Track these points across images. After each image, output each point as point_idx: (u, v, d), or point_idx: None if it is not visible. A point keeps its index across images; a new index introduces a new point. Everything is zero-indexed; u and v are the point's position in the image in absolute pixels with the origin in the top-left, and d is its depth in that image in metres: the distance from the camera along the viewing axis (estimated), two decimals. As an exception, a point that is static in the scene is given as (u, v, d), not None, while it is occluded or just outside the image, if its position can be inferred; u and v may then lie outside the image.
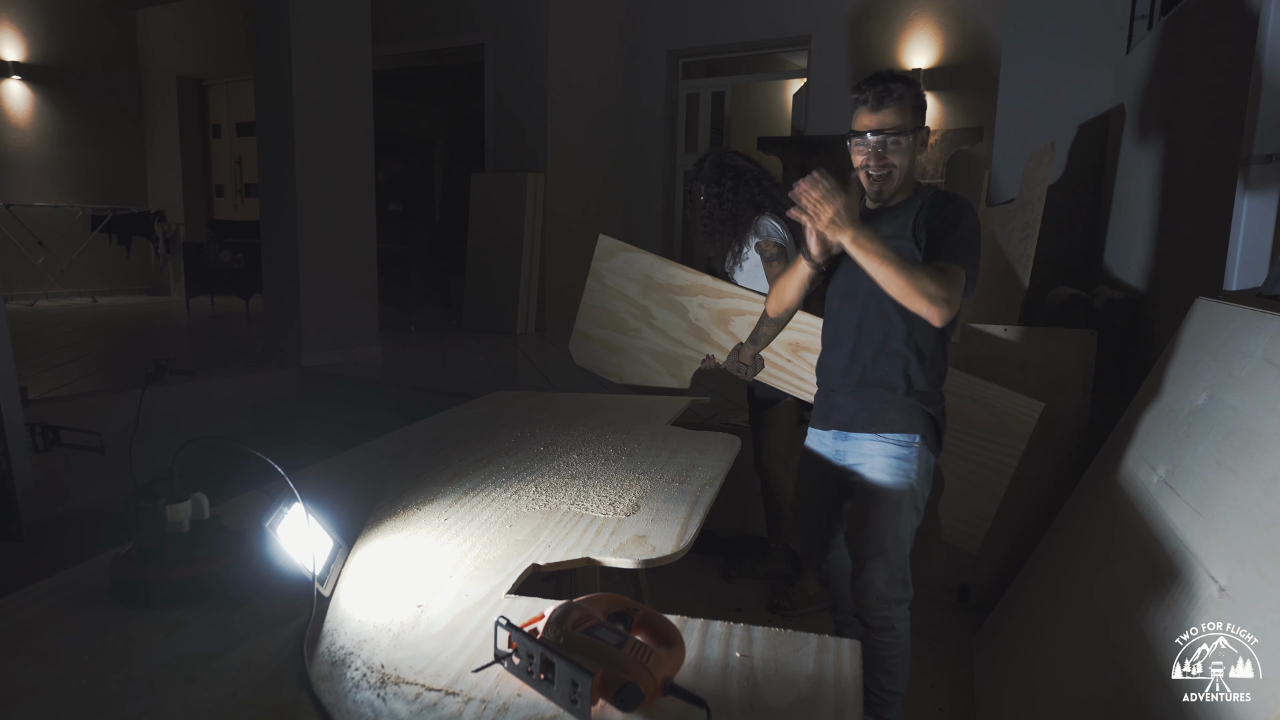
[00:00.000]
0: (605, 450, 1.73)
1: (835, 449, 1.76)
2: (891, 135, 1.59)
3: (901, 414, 1.66)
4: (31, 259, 7.51)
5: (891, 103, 1.58)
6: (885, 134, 1.59)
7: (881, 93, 1.59)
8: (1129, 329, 2.91)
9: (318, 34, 4.31)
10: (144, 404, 3.10)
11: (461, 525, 1.28)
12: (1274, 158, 2.02)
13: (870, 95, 1.60)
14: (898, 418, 1.66)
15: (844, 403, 1.73)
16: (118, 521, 2.47)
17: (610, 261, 2.84)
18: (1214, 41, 2.50)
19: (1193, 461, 1.56)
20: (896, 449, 1.66)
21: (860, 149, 1.62)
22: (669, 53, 6.61)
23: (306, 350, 4.43)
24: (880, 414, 1.67)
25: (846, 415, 1.72)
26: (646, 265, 2.76)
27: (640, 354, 2.76)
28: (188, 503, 1.04)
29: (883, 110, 1.59)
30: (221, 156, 8.77)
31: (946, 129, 5.45)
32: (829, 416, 1.77)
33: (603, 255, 2.86)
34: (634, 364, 2.78)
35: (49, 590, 1.03)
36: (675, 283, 2.69)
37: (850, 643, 0.91)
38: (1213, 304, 1.88)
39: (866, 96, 1.60)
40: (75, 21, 7.93)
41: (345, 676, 0.84)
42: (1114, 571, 1.65)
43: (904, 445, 1.66)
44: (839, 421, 1.74)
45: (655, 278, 2.74)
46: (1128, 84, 3.66)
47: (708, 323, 2.59)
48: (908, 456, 1.66)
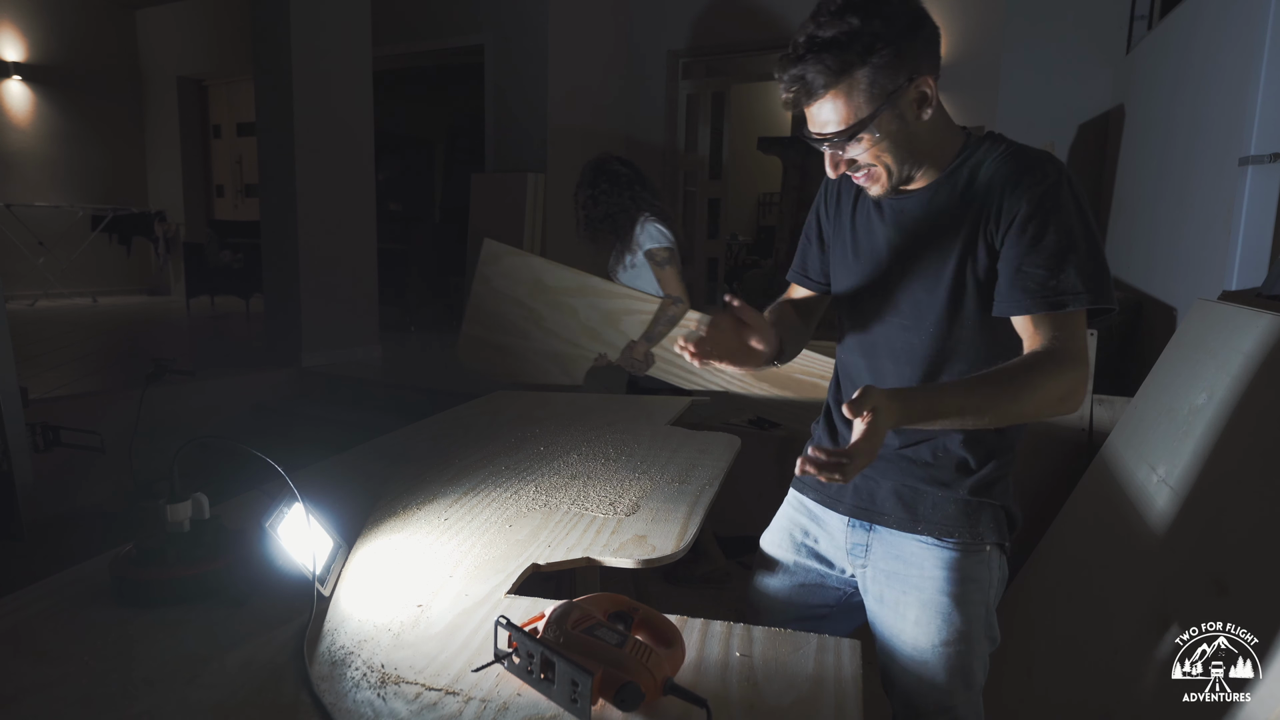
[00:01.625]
0: (605, 450, 1.73)
1: (850, 543, 1.20)
2: (836, 143, 1.01)
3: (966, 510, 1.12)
4: (32, 259, 7.51)
5: (819, 91, 0.97)
6: (825, 142, 1.02)
7: (798, 76, 0.98)
8: (1129, 329, 2.91)
9: (318, 34, 4.31)
10: (144, 404, 3.09)
11: (461, 525, 1.28)
12: (1274, 157, 2.02)
13: (789, 86, 0.99)
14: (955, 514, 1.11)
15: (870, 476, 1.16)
16: (118, 521, 2.46)
17: (497, 265, 2.93)
18: (1214, 41, 2.50)
19: (1192, 461, 1.56)
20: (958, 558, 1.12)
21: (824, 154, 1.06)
22: (669, 53, 6.60)
23: (306, 350, 4.43)
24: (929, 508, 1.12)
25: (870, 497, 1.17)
26: (535, 268, 2.87)
27: (531, 355, 2.85)
28: (188, 502, 1.04)
29: (813, 102, 0.99)
30: (221, 156, 8.76)
31: (946, 129, 5.45)
32: (838, 490, 1.21)
33: (488, 259, 2.96)
34: (525, 364, 2.88)
35: (49, 590, 1.03)
36: (565, 285, 2.82)
37: (850, 642, 0.91)
38: (1212, 304, 1.88)
39: (787, 88, 1.00)
40: (75, 21, 7.93)
41: (345, 676, 0.84)
42: (1114, 571, 1.65)
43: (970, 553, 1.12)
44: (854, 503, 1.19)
45: (544, 280, 2.85)
46: (1128, 84, 3.66)
47: (599, 322, 2.72)
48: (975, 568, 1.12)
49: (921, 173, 1.07)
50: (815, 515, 1.26)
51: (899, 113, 1.00)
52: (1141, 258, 3.07)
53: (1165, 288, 2.73)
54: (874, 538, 1.17)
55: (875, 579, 1.17)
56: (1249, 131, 2.05)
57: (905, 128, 1.02)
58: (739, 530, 3.01)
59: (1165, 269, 2.78)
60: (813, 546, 1.26)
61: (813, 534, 1.26)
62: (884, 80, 0.98)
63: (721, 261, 7.03)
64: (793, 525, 1.29)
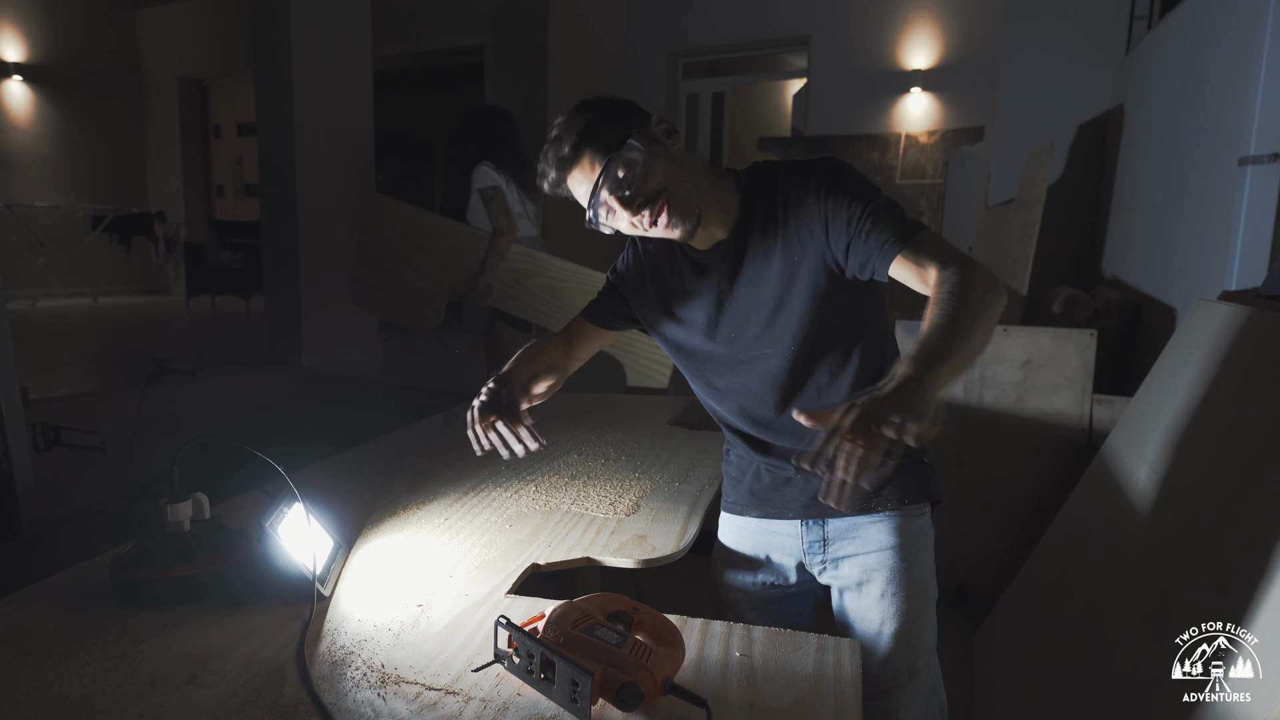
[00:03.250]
0: (605, 450, 1.73)
1: (809, 540, 1.21)
2: (608, 166, 1.02)
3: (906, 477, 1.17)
4: (32, 259, 7.51)
5: (577, 148, 1.03)
6: (604, 179, 1.02)
7: (556, 155, 1.05)
8: (1129, 329, 2.91)
9: (318, 34, 4.31)
10: (144, 404, 3.09)
11: (461, 525, 1.28)
12: (1274, 157, 2.02)
13: (552, 168, 1.06)
14: (900, 483, 1.17)
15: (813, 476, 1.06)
16: (118, 521, 2.46)
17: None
18: (1214, 41, 2.50)
19: (1192, 462, 1.56)
20: (909, 523, 1.18)
21: (615, 219, 1.06)
22: (669, 53, 6.60)
23: (306, 350, 4.43)
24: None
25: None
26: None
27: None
28: (188, 502, 1.04)
29: (577, 165, 1.04)
30: (222, 156, 8.77)
31: (946, 129, 5.45)
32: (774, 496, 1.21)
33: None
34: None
35: (49, 590, 1.03)
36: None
37: (850, 642, 0.91)
38: (1212, 304, 1.88)
39: (547, 171, 1.07)
40: (76, 22, 7.93)
41: (345, 676, 0.84)
42: (1113, 571, 1.65)
43: (918, 516, 1.19)
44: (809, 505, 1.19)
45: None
46: (1128, 84, 3.66)
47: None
48: (924, 530, 1.20)
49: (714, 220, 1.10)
50: (766, 529, 1.24)
51: (653, 142, 1.04)
52: (1141, 258, 3.07)
53: (1165, 288, 2.73)
54: (829, 530, 1.19)
55: (837, 569, 1.20)
56: (1249, 131, 2.06)
57: (669, 153, 1.06)
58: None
59: (1165, 269, 2.78)
60: (767, 562, 1.25)
61: (762, 550, 1.25)
62: (620, 127, 1.04)
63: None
64: (743, 548, 1.27)
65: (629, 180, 1.02)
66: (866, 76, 5.79)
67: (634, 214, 1.03)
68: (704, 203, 1.07)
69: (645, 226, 1.05)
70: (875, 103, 5.76)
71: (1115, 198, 3.64)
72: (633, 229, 1.07)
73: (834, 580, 1.21)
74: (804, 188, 1.06)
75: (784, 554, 1.24)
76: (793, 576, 1.25)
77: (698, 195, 1.06)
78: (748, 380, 1.16)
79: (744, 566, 1.27)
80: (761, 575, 1.26)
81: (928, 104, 5.61)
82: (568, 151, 1.04)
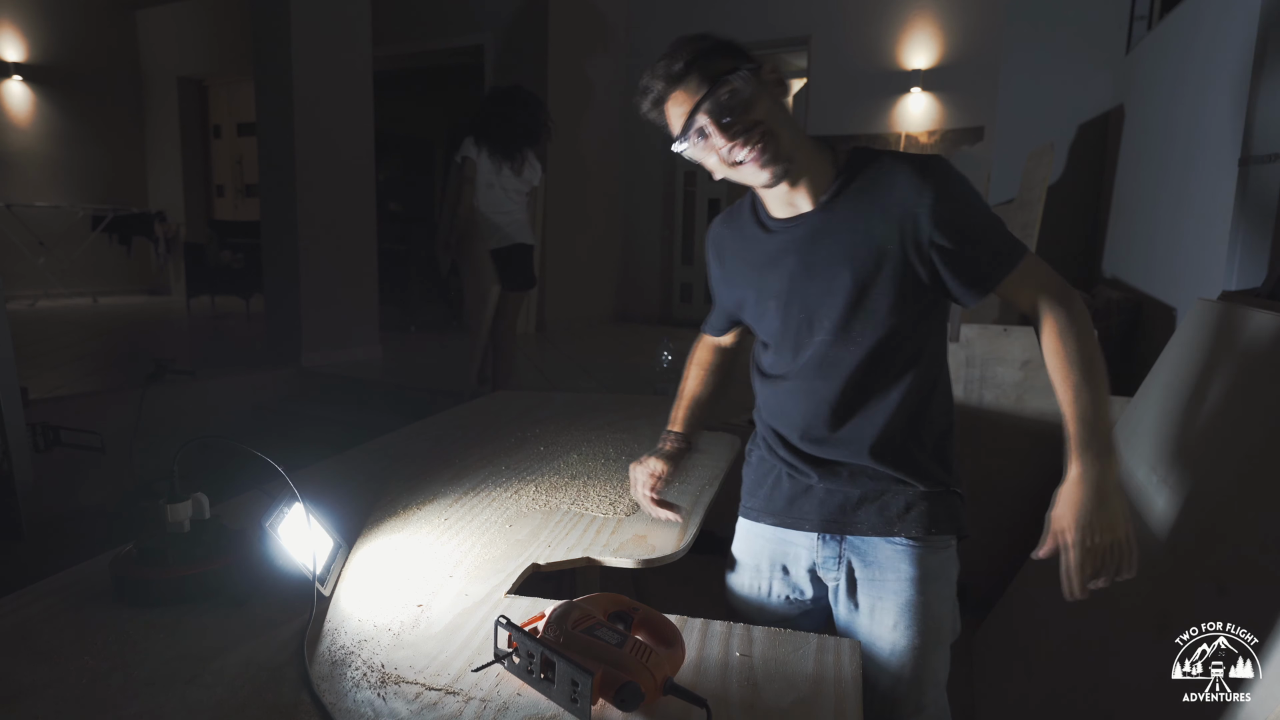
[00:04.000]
0: (605, 450, 1.73)
1: (825, 555, 1.18)
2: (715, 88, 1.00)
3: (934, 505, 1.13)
4: (32, 259, 7.51)
5: (689, 66, 1.02)
6: (708, 98, 1.00)
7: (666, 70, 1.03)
8: (1129, 329, 2.91)
9: (318, 34, 4.31)
10: (144, 404, 3.10)
11: (461, 525, 1.28)
12: (1274, 157, 2.02)
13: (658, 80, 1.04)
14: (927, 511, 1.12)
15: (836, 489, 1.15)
16: (117, 521, 2.46)
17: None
18: (1214, 41, 2.50)
19: (1192, 462, 1.56)
20: (931, 555, 1.13)
21: (705, 150, 1.04)
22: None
23: (306, 350, 4.43)
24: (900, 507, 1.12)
25: (840, 509, 1.15)
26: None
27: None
28: (188, 502, 1.04)
29: (684, 83, 1.02)
30: (222, 156, 8.77)
31: (946, 129, 5.45)
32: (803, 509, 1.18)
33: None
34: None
35: (49, 590, 1.03)
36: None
37: (850, 642, 0.91)
38: (1212, 304, 1.88)
39: (652, 86, 1.04)
40: (76, 22, 7.93)
41: (346, 676, 0.84)
42: (1114, 571, 1.65)
43: (942, 549, 1.14)
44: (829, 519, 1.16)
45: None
46: (1128, 84, 3.66)
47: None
48: (946, 563, 1.15)
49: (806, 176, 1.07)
50: (782, 539, 1.21)
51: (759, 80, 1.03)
52: (1141, 258, 3.07)
53: (1165, 288, 2.73)
54: (846, 548, 1.16)
55: (849, 588, 1.16)
56: (1249, 131, 2.05)
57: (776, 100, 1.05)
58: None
59: (1165, 269, 2.78)
60: (783, 574, 1.22)
61: (778, 561, 1.22)
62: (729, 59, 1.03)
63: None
64: (759, 558, 1.24)
65: (731, 107, 1.00)
66: (866, 76, 5.79)
67: (729, 140, 1.01)
68: (798, 157, 1.05)
69: (736, 159, 1.02)
70: (875, 102, 5.77)
71: (1115, 198, 3.64)
72: (721, 164, 1.05)
73: (845, 601, 1.17)
74: (913, 182, 1.03)
75: (799, 566, 1.20)
76: (809, 591, 1.21)
77: (794, 145, 1.04)
78: (806, 373, 1.12)
79: (759, 577, 1.24)
80: (777, 588, 1.22)
81: (928, 104, 5.61)
82: (679, 68, 1.01)
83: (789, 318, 1.12)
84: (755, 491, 1.24)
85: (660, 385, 3.98)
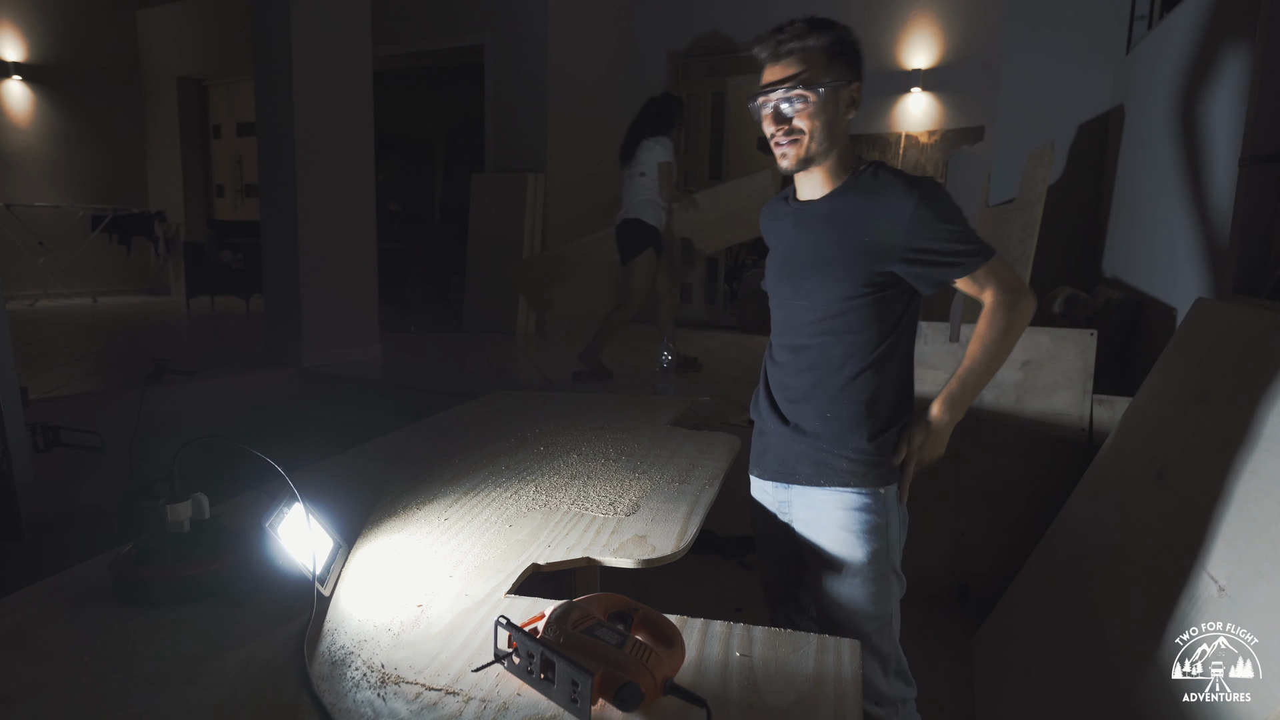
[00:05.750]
0: (605, 450, 1.73)
1: (777, 500, 1.41)
2: (791, 88, 1.22)
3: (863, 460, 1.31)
4: (32, 259, 7.51)
5: (793, 50, 1.23)
6: (782, 86, 1.22)
7: (779, 40, 1.25)
8: (1129, 329, 2.91)
9: (318, 34, 4.31)
10: (144, 404, 3.09)
11: (461, 525, 1.28)
12: (1274, 158, 2.02)
13: (768, 45, 1.26)
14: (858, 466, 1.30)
15: (776, 445, 1.38)
16: (115, 519, 2.45)
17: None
18: (1214, 41, 2.50)
19: (1192, 461, 1.56)
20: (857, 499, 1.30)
21: (764, 114, 1.27)
22: (669, 53, 6.60)
23: (306, 350, 4.43)
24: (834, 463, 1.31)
25: (784, 461, 1.37)
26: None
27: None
28: (188, 502, 1.04)
29: (782, 61, 1.24)
30: (221, 156, 8.77)
31: (946, 129, 5.45)
32: (761, 460, 1.42)
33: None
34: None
35: (49, 590, 1.03)
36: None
37: (850, 642, 0.91)
38: (1213, 304, 1.88)
39: (765, 48, 1.27)
40: (76, 22, 7.93)
41: (345, 676, 0.84)
42: (1113, 571, 1.65)
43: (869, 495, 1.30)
44: (775, 469, 1.39)
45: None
46: (1128, 84, 3.66)
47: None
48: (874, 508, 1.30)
49: (819, 160, 1.28)
50: (760, 489, 1.46)
51: (837, 97, 1.25)
52: (1141, 258, 3.07)
53: (1165, 288, 2.73)
54: (793, 494, 1.37)
55: (797, 527, 1.37)
56: (1249, 131, 2.05)
57: (834, 112, 1.25)
58: (739, 530, 3.01)
59: (1165, 269, 2.78)
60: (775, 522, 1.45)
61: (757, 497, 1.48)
62: (833, 66, 1.24)
63: (721, 262, 7.04)
64: (760, 495, 1.47)
65: (788, 113, 1.25)
66: (866, 76, 5.78)
67: (775, 127, 1.26)
68: (821, 158, 1.28)
69: (774, 139, 1.28)
70: (875, 102, 5.76)
71: (1115, 198, 3.64)
72: (766, 130, 1.28)
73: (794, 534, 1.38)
74: (899, 191, 1.23)
75: (767, 500, 1.44)
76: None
77: (821, 151, 1.27)
78: (780, 322, 1.38)
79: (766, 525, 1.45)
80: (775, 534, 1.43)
81: (928, 104, 5.60)
82: (785, 50, 1.24)
83: (780, 278, 1.37)
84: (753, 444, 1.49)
85: (660, 385, 3.98)
